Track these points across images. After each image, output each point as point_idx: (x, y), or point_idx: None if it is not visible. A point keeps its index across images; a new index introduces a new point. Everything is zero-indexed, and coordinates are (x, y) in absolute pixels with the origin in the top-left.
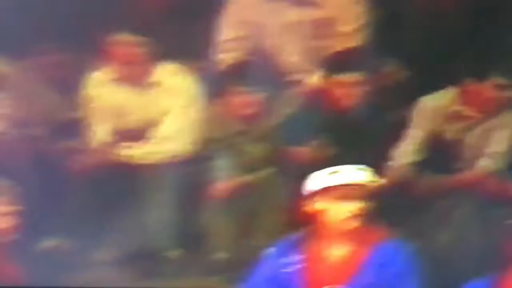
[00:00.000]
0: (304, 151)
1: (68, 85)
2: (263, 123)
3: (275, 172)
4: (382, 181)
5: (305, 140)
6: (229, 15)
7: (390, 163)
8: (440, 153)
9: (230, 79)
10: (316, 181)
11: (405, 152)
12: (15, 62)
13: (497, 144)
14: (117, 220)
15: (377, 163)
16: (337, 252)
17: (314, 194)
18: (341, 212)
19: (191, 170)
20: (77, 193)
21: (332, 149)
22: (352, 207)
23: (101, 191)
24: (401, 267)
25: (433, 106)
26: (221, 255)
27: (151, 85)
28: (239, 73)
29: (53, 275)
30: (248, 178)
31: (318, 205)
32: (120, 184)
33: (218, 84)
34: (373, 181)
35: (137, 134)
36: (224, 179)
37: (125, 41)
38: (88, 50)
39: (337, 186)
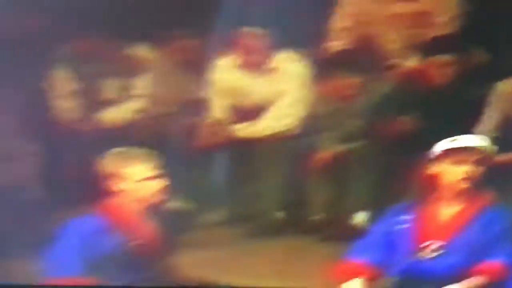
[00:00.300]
0: (396, 124)
1: (197, 68)
2: (361, 101)
3: (369, 144)
4: (495, 148)
5: (397, 115)
6: (341, 7)
7: None
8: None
9: (336, 64)
10: (438, 146)
11: (482, 131)
12: (154, 48)
13: None
14: (231, 186)
15: None
16: (445, 211)
17: (435, 158)
18: (455, 174)
19: (297, 143)
20: (202, 162)
21: (422, 123)
22: (466, 170)
23: (221, 162)
24: (502, 230)
25: (509, 90)
26: (319, 216)
27: (269, 70)
28: (345, 58)
29: (175, 234)
30: (346, 149)
31: (437, 168)
32: (236, 156)
33: (326, 68)
34: (486, 148)
35: (253, 112)
36: (325, 150)
37: (249, 33)
38: (216, 38)
39: (455, 149)
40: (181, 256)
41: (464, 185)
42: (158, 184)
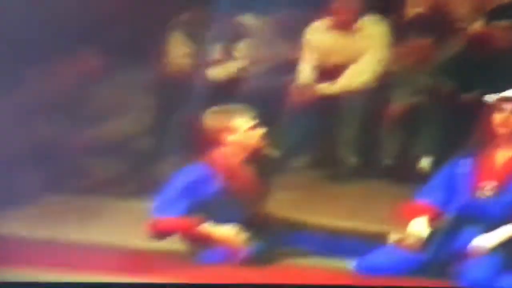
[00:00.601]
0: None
1: (293, 33)
2: (432, 61)
3: (436, 98)
4: None
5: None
6: None
7: None
8: None
9: (412, 27)
10: (495, 96)
11: None
12: (258, 17)
13: None
14: (314, 136)
15: None
16: (501, 156)
17: (492, 107)
18: (510, 122)
19: (373, 96)
20: (291, 115)
21: (483, 84)
22: None
23: (306, 115)
24: None
25: None
26: (390, 161)
27: (355, 31)
28: (420, 22)
29: (268, 177)
30: (416, 102)
31: (494, 117)
32: (320, 109)
33: (403, 31)
34: None
35: (335, 71)
36: (397, 103)
37: None
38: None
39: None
40: (271, 198)
41: None
42: (259, 133)
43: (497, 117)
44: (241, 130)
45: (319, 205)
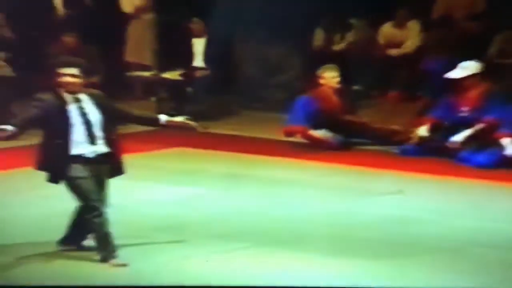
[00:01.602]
0: None
1: None
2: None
3: None
4: None
5: None
6: None
7: None
8: None
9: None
10: None
11: None
12: None
13: None
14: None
15: None
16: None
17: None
18: None
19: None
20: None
21: None
22: None
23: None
24: None
25: None
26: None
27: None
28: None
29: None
30: None
31: None
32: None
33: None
34: None
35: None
36: None
37: None
38: None
39: None
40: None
41: None
42: (337, 79)
43: None
44: (328, 77)
45: (373, 116)
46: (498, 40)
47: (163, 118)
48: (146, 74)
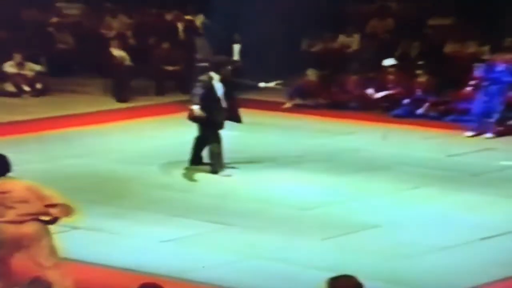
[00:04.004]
0: None
1: None
2: None
3: None
4: None
5: None
6: None
7: None
8: None
9: None
10: None
11: None
12: None
13: None
14: None
15: None
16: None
17: None
18: None
19: None
20: None
21: None
22: None
23: None
24: None
25: None
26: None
27: None
28: None
29: None
30: None
31: None
32: None
33: None
34: None
35: None
36: None
37: None
38: None
39: None
40: None
41: None
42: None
43: None
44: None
45: None
46: (401, 45)
47: (261, 84)
48: None
